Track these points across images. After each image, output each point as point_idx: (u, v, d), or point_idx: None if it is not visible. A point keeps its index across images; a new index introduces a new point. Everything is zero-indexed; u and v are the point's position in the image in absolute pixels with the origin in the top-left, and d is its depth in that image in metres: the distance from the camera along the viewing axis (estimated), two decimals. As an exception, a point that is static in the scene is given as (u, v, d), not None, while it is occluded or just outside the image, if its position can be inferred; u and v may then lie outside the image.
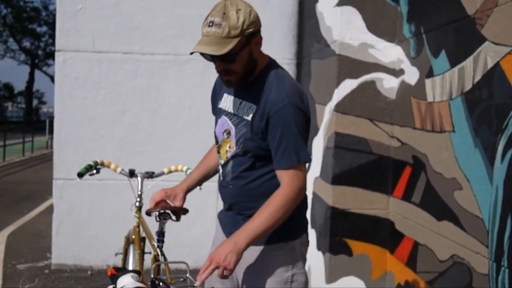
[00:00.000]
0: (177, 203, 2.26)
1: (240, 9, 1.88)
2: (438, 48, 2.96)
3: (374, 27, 3.63)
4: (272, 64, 2.04)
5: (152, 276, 2.01)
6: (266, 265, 1.99)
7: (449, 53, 2.84)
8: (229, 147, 2.04)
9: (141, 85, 4.90)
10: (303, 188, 1.94)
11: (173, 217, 2.27)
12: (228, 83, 1.98)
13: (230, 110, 2.06)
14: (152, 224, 2.81)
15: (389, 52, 3.61)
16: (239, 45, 1.87)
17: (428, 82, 3.09)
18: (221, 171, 2.11)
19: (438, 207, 2.90)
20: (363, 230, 3.62)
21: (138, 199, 2.87)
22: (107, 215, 4.96)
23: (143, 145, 4.89)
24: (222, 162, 2.09)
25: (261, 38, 1.98)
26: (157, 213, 2.21)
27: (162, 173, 2.96)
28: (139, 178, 2.90)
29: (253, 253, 1.99)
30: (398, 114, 3.51)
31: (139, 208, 2.87)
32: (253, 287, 2.01)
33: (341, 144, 3.56)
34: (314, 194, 4.19)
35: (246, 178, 2.00)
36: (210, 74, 4.88)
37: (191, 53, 1.91)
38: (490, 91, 2.43)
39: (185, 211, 2.20)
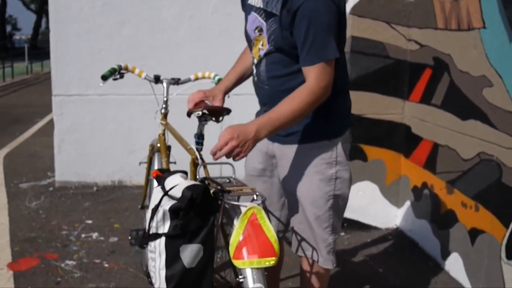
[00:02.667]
0: (216, 104, 2.19)
1: None
2: None
3: None
4: None
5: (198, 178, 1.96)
6: (310, 163, 1.94)
7: None
8: (262, 45, 1.93)
9: (139, -5, 4.69)
10: (329, 85, 1.81)
11: (213, 118, 2.19)
12: None
13: (259, 5, 1.90)
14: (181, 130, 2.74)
15: (406, -49, 3.46)
16: None
17: (453, -22, 2.97)
18: (254, 71, 2.00)
19: (464, 106, 2.87)
20: (378, 135, 3.60)
21: (164, 106, 2.77)
22: (110, 130, 4.87)
23: (144, 58, 4.71)
24: (256, 61, 1.98)
25: None
26: (199, 113, 2.13)
27: (188, 80, 2.83)
28: (164, 84, 2.78)
29: (296, 150, 1.95)
30: (418, 16, 3.40)
31: (165, 115, 2.77)
32: (296, 184, 1.97)
33: (357, 48, 3.47)
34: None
35: (281, 78, 1.89)
36: (212, -19, 4.69)
37: None
38: (530, -20, 2.34)
39: (228, 111, 2.12)
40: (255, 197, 1.80)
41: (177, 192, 1.77)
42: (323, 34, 1.74)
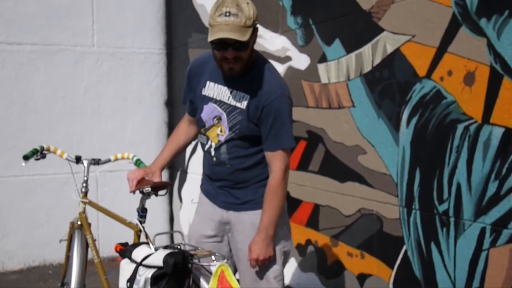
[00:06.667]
0: (156, 180, 2.43)
1: (248, 3, 2.14)
2: (331, 37, 3.48)
3: (260, 18, 4.04)
4: (260, 57, 2.31)
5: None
6: None
7: (344, 41, 3.37)
8: (221, 131, 2.27)
9: (9, 77, 4.68)
10: (289, 166, 2.29)
11: (156, 193, 2.42)
12: (231, 71, 2.18)
13: (219, 98, 2.27)
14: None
15: (274, 41, 4.06)
16: (252, 34, 2.12)
17: (321, 66, 3.59)
18: (213, 153, 2.33)
19: (341, 171, 3.43)
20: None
21: (84, 184, 2.91)
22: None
23: (15, 139, 4.67)
24: (214, 145, 2.31)
25: (258, 30, 2.24)
26: (148, 189, 2.35)
27: (108, 160, 3.01)
28: (85, 164, 2.93)
29: (252, 216, 2.29)
30: (288, 96, 3.97)
31: (85, 193, 2.91)
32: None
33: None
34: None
35: (242, 158, 2.27)
36: (83, 64, 4.88)
37: (212, 41, 2.09)
38: (391, 71, 3.00)
39: (171, 184, 2.39)
40: (213, 257, 2.10)
41: (154, 261, 1.99)
42: (285, 127, 2.20)
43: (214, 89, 2.29)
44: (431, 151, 2.75)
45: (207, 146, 2.35)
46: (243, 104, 2.21)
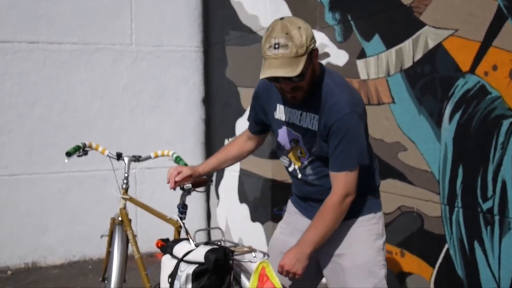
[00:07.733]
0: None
1: (300, 27, 1.96)
2: (370, 32, 3.43)
3: (297, 15, 4.02)
4: (325, 71, 2.13)
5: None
6: (361, 235, 2.20)
7: (384, 37, 3.32)
8: (301, 153, 2.19)
9: (50, 75, 4.77)
10: (354, 190, 2.09)
11: (196, 189, 2.44)
12: (294, 99, 2.07)
13: (291, 121, 2.18)
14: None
15: (311, 38, 4.03)
16: (306, 62, 1.96)
17: (360, 62, 3.55)
18: (300, 175, 2.24)
19: (380, 168, 3.34)
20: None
21: (125, 181, 2.95)
22: (22, 211, 4.75)
23: (56, 137, 4.77)
24: (298, 167, 2.23)
25: (317, 51, 2.07)
26: (189, 185, 2.37)
27: (148, 157, 3.04)
28: (126, 161, 2.97)
29: (345, 226, 2.19)
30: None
31: (126, 190, 2.94)
32: (351, 258, 2.19)
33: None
34: (242, 170, 4.51)
35: (329, 177, 2.13)
36: (122, 62, 4.95)
37: (265, 78, 1.96)
38: (433, 66, 2.94)
39: (211, 181, 2.39)
40: (253, 254, 2.09)
41: (195, 257, 2.00)
42: (352, 146, 2.05)
43: (285, 112, 2.20)
44: (475, 147, 2.69)
45: (290, 169, 2.28)
46: (314, 126, 2.09)
